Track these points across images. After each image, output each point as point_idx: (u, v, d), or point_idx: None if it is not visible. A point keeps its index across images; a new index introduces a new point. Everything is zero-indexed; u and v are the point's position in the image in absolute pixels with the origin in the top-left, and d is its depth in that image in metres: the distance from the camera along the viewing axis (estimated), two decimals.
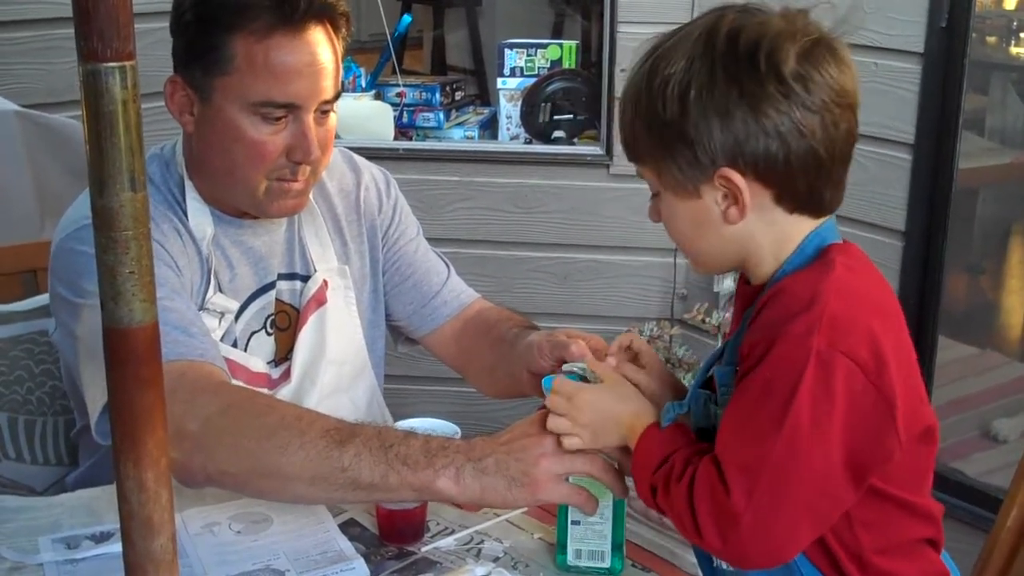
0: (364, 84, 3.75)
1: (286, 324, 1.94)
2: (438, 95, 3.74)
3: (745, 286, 1.38)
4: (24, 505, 1.75)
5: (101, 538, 1.62)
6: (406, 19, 4.00)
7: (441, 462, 1.48)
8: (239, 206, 1.86)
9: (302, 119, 1.76)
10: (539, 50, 3.68)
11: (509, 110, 3.67)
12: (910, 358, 1.30)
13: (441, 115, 3.72)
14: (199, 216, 1.85)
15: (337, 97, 1.81)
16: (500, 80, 3.70)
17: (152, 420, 0.90)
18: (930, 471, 1.35)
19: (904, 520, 1.32)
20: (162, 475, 0.91)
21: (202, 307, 1.82)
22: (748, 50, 1.24)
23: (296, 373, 1.90)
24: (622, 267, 3.55)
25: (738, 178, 1.26)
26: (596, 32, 4.25)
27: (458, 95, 3.90)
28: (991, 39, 3.49)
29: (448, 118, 3.77)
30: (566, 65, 3.67)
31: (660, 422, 1.38)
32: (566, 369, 1.58)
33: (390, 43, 3.80)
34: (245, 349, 1.89)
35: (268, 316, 1.92)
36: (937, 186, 3.02)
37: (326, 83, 1.77)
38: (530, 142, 3.62)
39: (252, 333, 1.90)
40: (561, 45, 3.72)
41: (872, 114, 3.09)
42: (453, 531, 1.68)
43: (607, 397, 1.44)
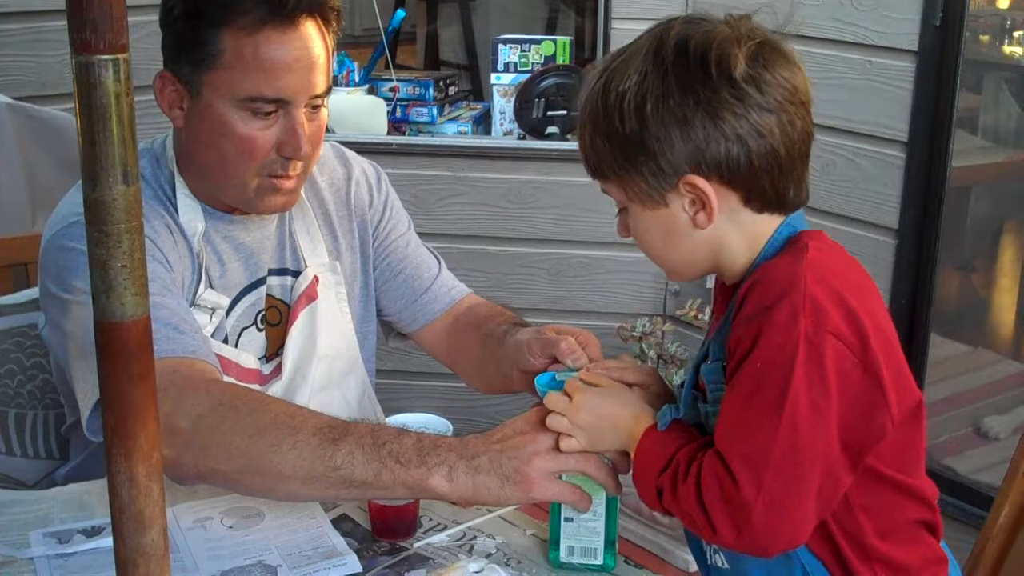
0: (357, 79, 3.74)
1: (277, 320, 1.93)
2: (431, 90, 3.73)
3: (723, 285, 1.40)
4: (15, 499, 1.74)
5: (92, 532, 1.62)
6: (400, 14, 3.99)
7: (434, 460, 1.48)
8: (230, 202, 1.85)
9: (292, 114, 1.75)
10: (533, 46, 3.68)
11: (502, 106, 3.66)
12: (890, 334, 1.32)
13: (434, 110, 3.72)
14: (190, 212, 1.84)
15: (328, 92, 1.81)
16: (494, 75, 3.69)
17: (144, 414, 0.89)
18: (921, 451, 1.36)
19: (901, 501, 1.34)
20: (153, 470, 0.91)
21: (193, 303, 1.81)
22: (697, 58, 1.27)
23: (287, 369, 1.90)
24: (615, 263, 3.55)
25: (703, 183, 1.29)
26: (590, 28, 4.24)
27: (451, 90, 3.89)
28: (984, 38, 3.50)
29: (441, 113, 3.76)
30: (560, 61, 3.67)
31: (657, 426, 1.38)
32: (560, 376, 1.57)
33: (384, 38, 3.79)
34: (236, 345, 1.88)
35: (259, 312, 1.91)
36: (930, 184, 3.02)
37: (317, 78, 1.76)
38: (523, 138, 3.62)
39: (243, 329, 1.90)
40: (555, 41, 3.71)
41: (866, 112, 3.10)
42: (445, 527, 1.68)
43: (608, 401, 1.44)
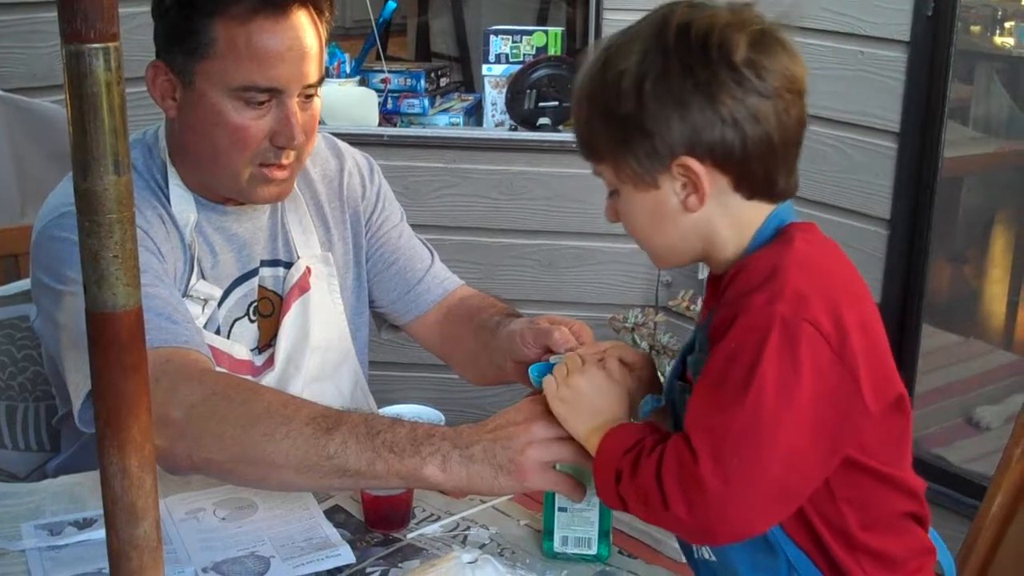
0: (348, 70, 3.73)
1: (269, 311, 1.93)
2: (423, 81, 3.72)
3: (713, 277, 1.39)
4: (6, 491, 1.74)
5: (84, 524, 1.62)
6: (391, 5, 3.98)
7: (428, 449, 1.48)
8: (223, 192, 1.84)
9: (285, 103, 1.75)
10: (524, 37, 3.67)
11: (494, 97, 3.66)
12: (875, 330, 1.30)
13: (426, 101, 3.71)
14: (182, 203, 1.83)
15: (321, 81, 1.80)
16: (485, 67, 3.69)
17: (136, 406, 0.89)
18: (906, 444, 1.35)
19: (886, 494, 1.32)
20: (146, 461, 0.90)
21: (185, 294, 1.81)
22: (699, 41, 1.27)
23: (280, 360, 1.90)
24: (607, 254, 3.55)
25: (697, 166, 1.28)
26: (581, 19, 4.24)
27: (443, 81, 3.88)
28: (976, 28, 3.50)
29: (433, 104, 3.75)
30: (551, 52, 3.66)
31: (637, 415, 1.38)
32: (554, 361, 1.57)
33: (375, 29, 3.78)
34: (228, 336, 1.88)
35: (251, 303, 1.91)
36: (922, 175, 3.02)
37: (309, 67, 1.76)
38: (515, 129, 3.61)
39: (235, 320, 1.89)
40: (546, 32, 3.71)
41: (857, 102, 3.10)
42: (439, 518, 1.68)
43: (597, 388, 1.42)
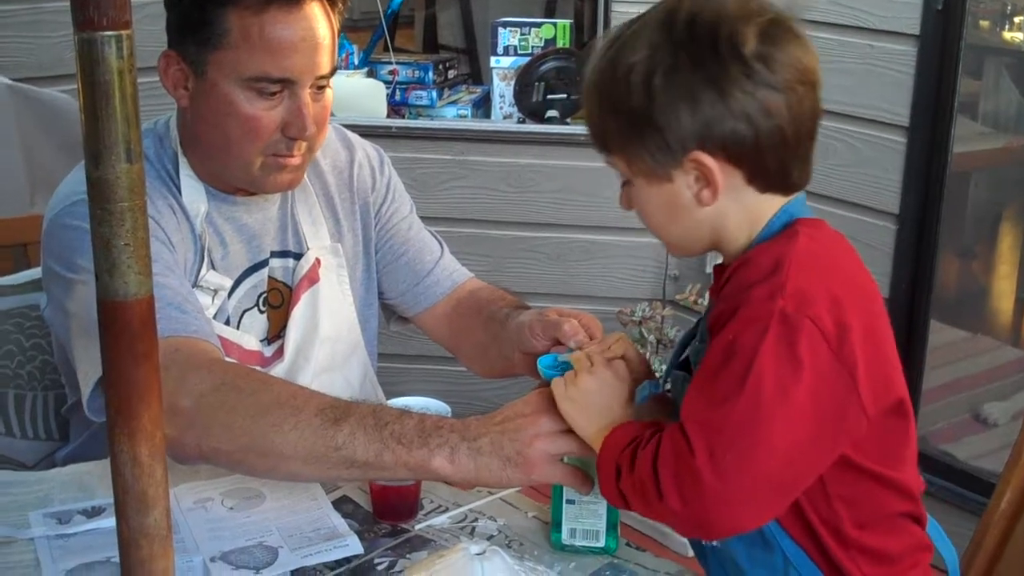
0: (357, 62, 3.74)
1: (279, 302, 1.93)
2: (431, 73, 3.72)
3: (720, 268, 1.39)
4: (15, 479, 1.74)
5: (93, 513, 1.62)
6: None
7: (436, 441, 1.47)
8: (234, 182, 1.85)
9: (298, 94, 1.75)
10: (533, 29, 3.67)
11: (502, 89, 3.66)
12: (880, 330, 1.30)
13: (434, 93, 3.71)
14: (193, 193, 1.83)
15: (333, 73, 1.80)
16: (493, 59, 3.69)
17: (147, 394, 0.89)
18: (906, 446, 1.34)
19: (881, 494, 1.32)
20: (156, 450, 0.91)
21: (195, 284, 1.81)
22: (708, 34, 1.26)
23: (289, 351, 1.90)
24: (615, 247, 3.55)
25: (709, 160, 1.27)
26: (590, 11, 4.22)
27: (451, 73, 3.89)
28: (985, 23, 3.49)
29: (441, 96, 3.75)
30: (560, 44, 3.66)
31: (635, 399, 1.38)
32: (563, 358, 1.57)
33: (383, 21, 3.78)
34: (237, 327, 1.88)
35: (261, 294, 1.91)
36: (931, 169, 3.02)
37: (322, 58, 1.76)
38: (523, 121, 3.61)
39: (244, 311, 1.89)
40: (555, 24, 3.70)
41: (867, 96, 3.09)
42: (447, 509, 1.68)
43: (607, 389, 1.42)
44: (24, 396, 2.08)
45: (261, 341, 1.90)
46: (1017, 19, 3.53)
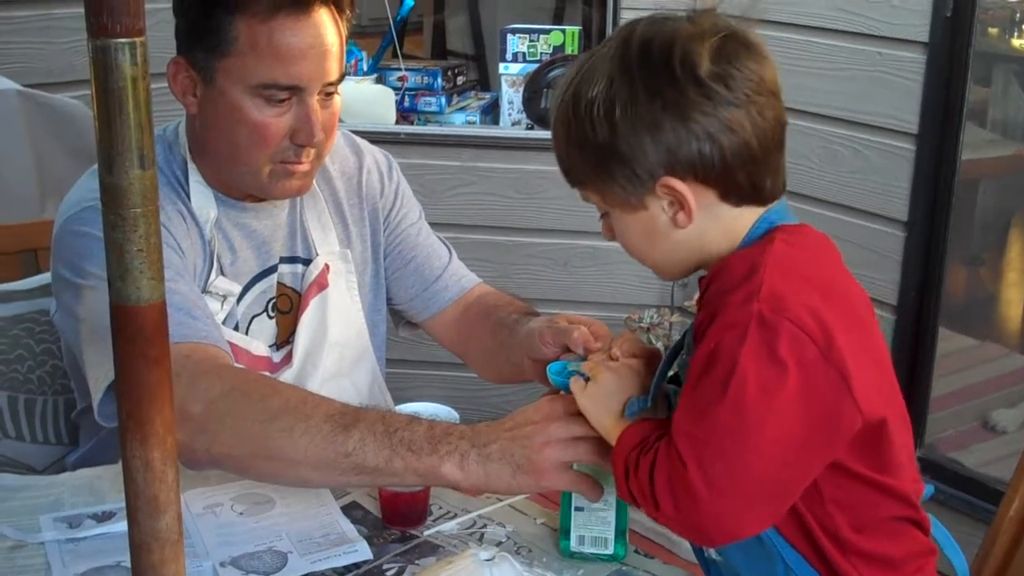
0: (366, 68, 3.74)
1: (287, 308, 1.93)
2: (440, 80, 3.73)
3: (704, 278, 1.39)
4: (25, 484, 1.75)
5: (103, 517, 1.62)
6: (408, 3, 3.98)
7: (445, 448, 1.48)
8: (243, 188, 1.85)
9: (306, 101, 1.75)
10: (541, 36, 3.67)
11: (511, 95, 3.66)
12: (868, 335, 1.30)
13: (443, 100, 3.71)
14: (202, 199, 1.84)
15: (341, 79, 1.80)
16: (502, 65, 3.68)
17: (159, 399, 0.89)
18: (903, 453, 1.32)
19: (874, 498, 1.31)
20: (168, 454, 0.91)
21: (204, 290, 1.82)
22: (662, 59, 1.26)
23: (298, 357, 1.90)
24: (623, 254, 3.47)
25: (679, 184, 1.28)
26: (598, 18, 4.23)
27: (460, 80, 3.89)
28: (994, 30, 3.49)
29: (449, 103, 3.75)
30: (568, 51, 3.66)
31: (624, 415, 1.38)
32: (572, 366, 1.57)
33: (392, 27, 3.79)
34: (246, 332, 1.88)
35: (270, 299, 1.92)
36: (940, 177, 3.01)
37: (330, 65, 1.76)
38: (532, 128, 3.61)
39: (253, 316, 1.90)
40: (563, 31, 3.70)
41: (875, 103, 3.09)
42: (456, 515, 1.68)
43: (626, 385, 1.42)
44: (34, 401, 2.09)
45: (270, 347, 1.91)
46: None
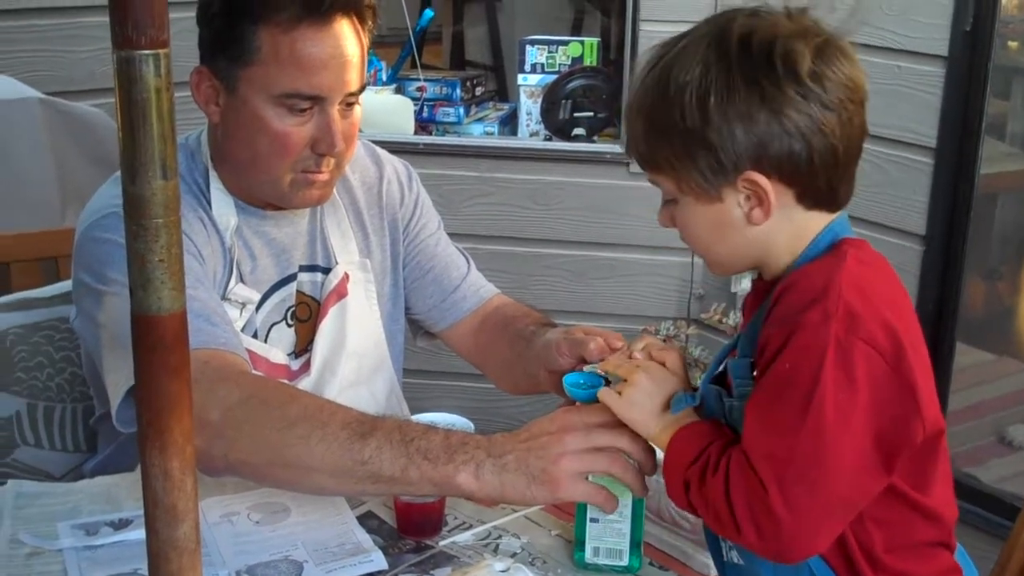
0: (385, 78, 3.75)
1: (306, 316, 1.94)
2: (458, 90, 3.74)
3: (760, 281, 1.40)
4: (43, 491, 1.75)
5: (120, 525, 1.63)
6: (428, 14, 4.00)
7: (461, 457, 1.48)
8: (264, 197, 1.86)
9: (327, 111, 1.76)
10: (560, 47, 3.68)
11: (529, 106, 3.67)
12: (924, 354, 1.30)
13: (461, 110, 3.72)
14: (223, 207, 1.85)
15: (362, 89, 1.81)
16: (521, 76, 3.69)
17: (178, 408, 0.90)
18: (939, 472, 1.34)
19: (915, 521, 1.33)
20: (187, 463, 0.91)
21: (224, 297, 1.82)
22: (763, 52, 1.26)
23: (316, 365, 1.91)
24: (640, 266, 3.55)
25: (763, 180, 1.28)
26: (617, 29, 4.23)
27: (478, 91, 3.90)
28: (1014, 44, 3.48)
29: (468, 113, 3.76)
30: (587, 62, 3.66)
31: (670, 411, 1.39)
32: (588, 370, 1.58)
33: (411, 37, 3.80)
34: (265, 340, 1.89)
35: (289, 308, 1.92)
36: (958, 191, 3.01)
37: (351, 75, 1.77)
38: (550, 139, 3.62)
39: (272, 324, 1.91)
40: (582, 42, 3.71)
41: (894, 117, 3.09)
42: (471, 526, 1.68)
43: (662, 388, 1.42)
44: (53, 408, 2.10)
45: (288, 355, 1.91)
46: None
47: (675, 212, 1.36)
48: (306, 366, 1.92)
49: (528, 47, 3.68)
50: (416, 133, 3.65)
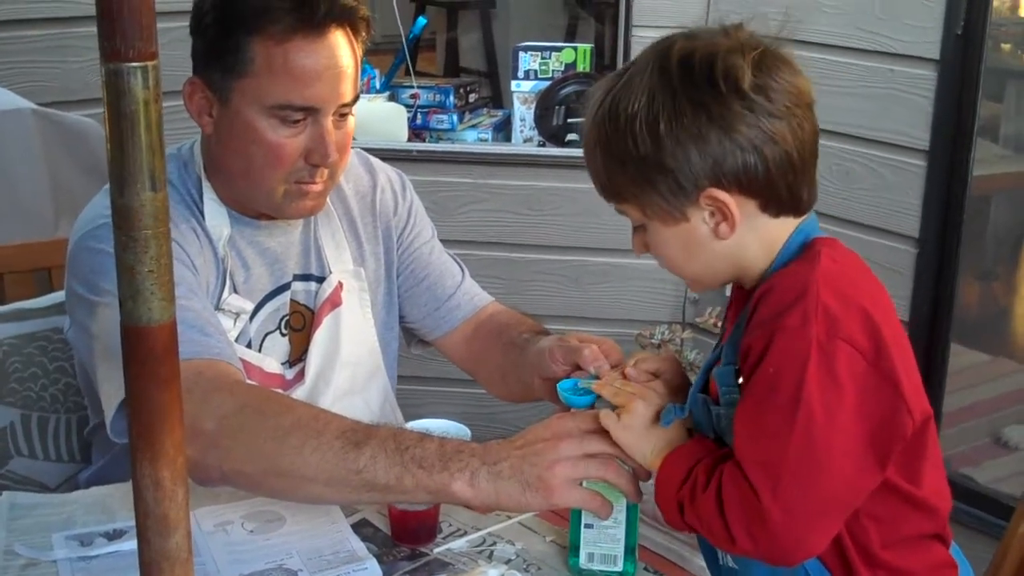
0: (378, 85, 3.75)
1: (300, 325, 1.94)
2: (452, 97, 3.74)
3: (740, 289, 1.42)
4: (37, 502, 1.75)
5: (114, 535, 1.63)
6: (421, 21, 4.00)
7: (456, 465, 1.48)
8: (257, 207, 1.86)
9: (320, 122, 1.76)
10: (553, 53, 3.68)
11: (523, 113, 3.67)
12: (906, 345, 1.32)
13: (455, 117, 3.72)
14: (216, 217, 1.85)
15: (355, 100, 1.82)
16: (514, 83, 3.70)
17: (169, 418, 0.90)
18: (930, 462, 1.35)
19: (909, 514, 1.34)
20: (178, 473, 0.91)
21: (217, 307, 1.83)
22: (704, 72, 1.28)
23: (310, 374, 1.91)
24: (634, 270, 3.55)
25: (724, 195, 1.30)
26: (610, 35, 4.25)
27: (472, 97, 3.90)
28: (1006, 46, 3.49)
29: (462, 120, 3.76)
30: (580, 68, 3.67)
31: (660, 423, 1.41)
32: (583, 383, 1.58)
33: (404, 45, 3.80)
34: (259, 350, 1.89)
35: (283, 317, 1.92)
36: (951, 193, 3.01)
37: (345, 86, 1.78)
38: (543, 145, 3.62)
39: (266, 334, 1.91)
40: (575, 48, 3.71)
41: (887, 120, 3.09)
42: (465, 533, 1.68)
43: (655, 408, 1.44)
44: (47, 418, 2.10)
45: (282, 364, 1.91)
46: None
47: (645, 238, 1.39)
48: (300, 375, 1.92)
49: (521, 53, 3.68)
50: (410, 140, 3.65)
